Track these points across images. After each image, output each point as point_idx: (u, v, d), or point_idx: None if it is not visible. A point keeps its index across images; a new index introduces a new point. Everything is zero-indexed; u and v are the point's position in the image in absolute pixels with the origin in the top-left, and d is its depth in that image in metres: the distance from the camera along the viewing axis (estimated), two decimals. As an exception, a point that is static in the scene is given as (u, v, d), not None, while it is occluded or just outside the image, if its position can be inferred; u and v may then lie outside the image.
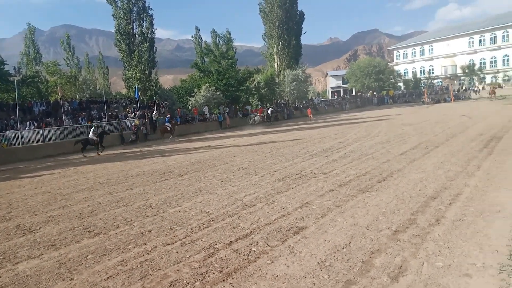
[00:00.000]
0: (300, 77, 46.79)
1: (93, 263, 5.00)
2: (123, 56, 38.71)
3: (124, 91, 44.98)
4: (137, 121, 29.16)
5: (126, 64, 38.85)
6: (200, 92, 37.41)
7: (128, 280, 4.39)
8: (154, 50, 39.81)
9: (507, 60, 63.53)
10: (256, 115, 37.91)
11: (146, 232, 6.10)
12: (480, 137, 13.37)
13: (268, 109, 41.07)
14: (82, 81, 39.31)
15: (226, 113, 37.50)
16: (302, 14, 51.45)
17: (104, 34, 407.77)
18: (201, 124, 34.88)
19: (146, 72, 38.67)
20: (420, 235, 4.97)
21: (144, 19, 38.58)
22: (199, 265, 4.66)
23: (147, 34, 38.76)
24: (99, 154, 20.80)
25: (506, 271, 3.78)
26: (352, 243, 4.92)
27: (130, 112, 32.26)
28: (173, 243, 5.49)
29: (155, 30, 39.56)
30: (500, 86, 55.71)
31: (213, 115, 37.41)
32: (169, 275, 4.44)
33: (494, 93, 43.49)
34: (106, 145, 24.21)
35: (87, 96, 37.60)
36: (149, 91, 38.49)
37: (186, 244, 5.41)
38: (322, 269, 4.26)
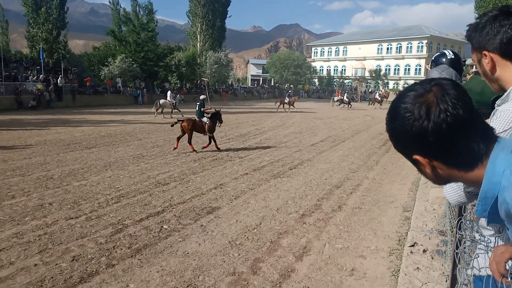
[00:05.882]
0: (222, 60, 46.41)
1: (-19, 235, 4.48)
2: (28, 11, 34.48)
3: (26, 50, 40.18)
4: (39, 85, 26.36)
5: (31, 21, 34.75)
6: (115, 63, 35.07)
7: (24, 253, 4.03)
8: (65, 9, 36.20)
9: (408, 69, 70.52)
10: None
11: (47, 205, 5.63)
12: (380, 136, 14.74)
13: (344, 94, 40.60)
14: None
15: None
16: (229, -4, 50.90)
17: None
18: (114, 97, 32.82)
19: (54, 32, 35.00)
20: (324, 219, 5.37)
21: (56, -27, 34.76)
22: (106, 240, 4.46)
23: (58, -10, 35.02)
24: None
25: (395, 254, 4.29)
26: (263, 224, 5.13)
27: (32, 75, 29.04)
28: (77, 217, 5.16)
29: (67, -13, 35.99)
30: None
31: (128, 88, 35.41)
32: (71, 250, 4.17)
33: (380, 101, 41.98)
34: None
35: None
36: (56, 54, 34.96)
37: (92, 219, 5.12)
38: (232, 248, 4.38)
